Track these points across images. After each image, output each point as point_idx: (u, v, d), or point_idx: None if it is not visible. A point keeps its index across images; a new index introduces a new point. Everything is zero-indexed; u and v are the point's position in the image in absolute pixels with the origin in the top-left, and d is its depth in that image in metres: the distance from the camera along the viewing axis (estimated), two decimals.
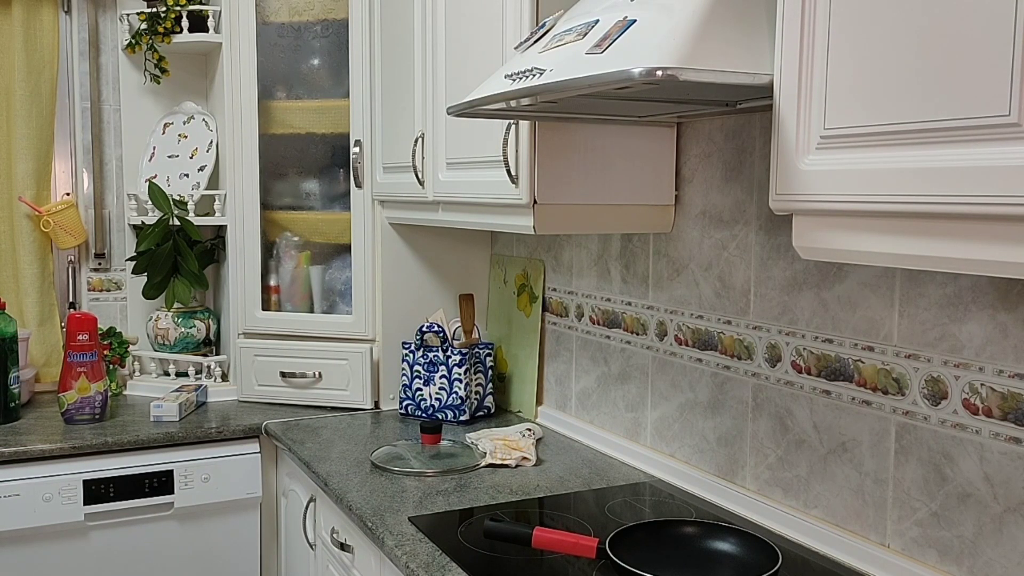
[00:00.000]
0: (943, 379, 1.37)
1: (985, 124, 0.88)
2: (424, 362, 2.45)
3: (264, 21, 2.58)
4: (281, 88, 2.61)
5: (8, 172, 2.70)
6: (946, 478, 1.37)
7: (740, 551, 1.50)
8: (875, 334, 1.47)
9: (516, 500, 1.83)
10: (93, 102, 2.83)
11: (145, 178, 2.79)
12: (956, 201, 0.92)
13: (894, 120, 0.98)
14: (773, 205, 1.16)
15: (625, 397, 2.11)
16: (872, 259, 1.06)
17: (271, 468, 2.47)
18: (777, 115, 1.14)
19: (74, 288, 2.85)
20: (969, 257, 0.93)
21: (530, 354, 2.45)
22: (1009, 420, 1.27)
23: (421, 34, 2.16)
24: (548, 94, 1.37)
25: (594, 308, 2.21)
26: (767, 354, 1.69)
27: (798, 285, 1.62)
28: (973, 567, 1.33)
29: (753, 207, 1.72)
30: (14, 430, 2.34)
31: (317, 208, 2.64)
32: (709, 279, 1.83)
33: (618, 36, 1.25)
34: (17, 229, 2.71)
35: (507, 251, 2.60)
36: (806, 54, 1.09)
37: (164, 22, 2.68)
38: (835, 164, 1.06)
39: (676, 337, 1.93)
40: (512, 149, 1.78)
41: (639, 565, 1.37)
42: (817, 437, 1.59)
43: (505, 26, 1.80)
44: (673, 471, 1.93)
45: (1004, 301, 1.28)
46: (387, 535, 1.65)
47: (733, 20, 1.22)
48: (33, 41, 2.69)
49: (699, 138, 1.85)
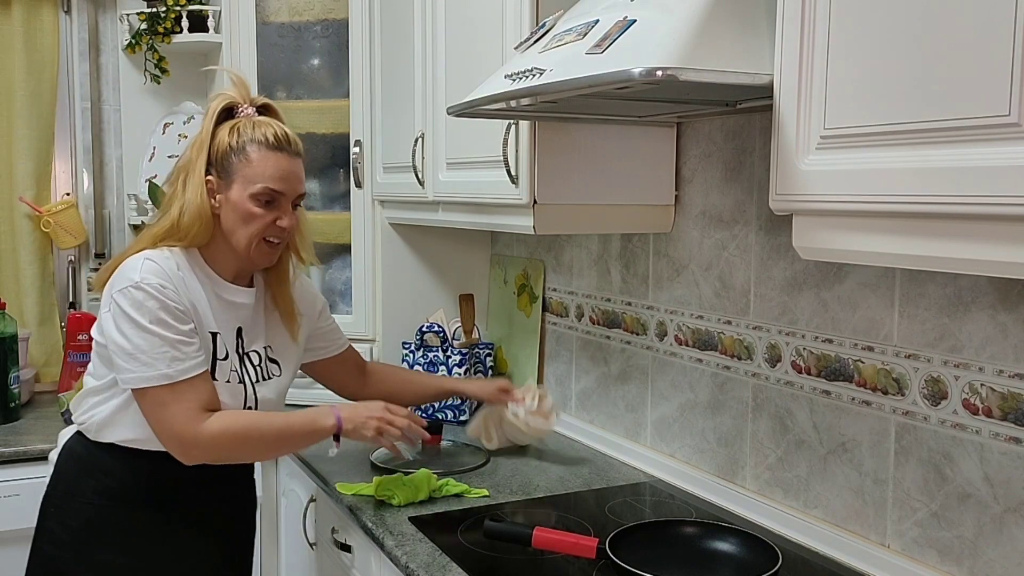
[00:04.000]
0: (943, 379, 1.37)
1: (985, 124, 0.88)
2: (424, 362, 2.45)
3: (264, 21, 2.58)
4: (281, 88, 2.61)
5: (8, 172, 2.70)
6: (946, 478, 1.37)
7: (740, 551, 1.50)
8: (875, 334, 1.47)
9: (516, 500, 1.83)
10: (93, 102, 2.83)
11: (145, 178, 2.79)
12: (956, 201, 0.92)
13: (894, 120, 0.98)
14: (773, 205, 1.16)
15: (625, 397, 2.10)
16: (872, 259, 1.06)
17: (271, 467, 2.46)
18: (777, 115, 1.14)
19: (74, 288, 2.85)
20: (969, 257, 0.93)
21: (530, 354, 2.45)
22: (1009, 420, 1.27)
23: (421, 34, 2.16)
24: (548, 94, 1.37)
25: (594, 308, 2.21)
26: (767, 354, 1.69)
27: (798, 285, 1.62)
28: (973, 567, 1.33)
29: (753, 207, 1.72)
30: (14, 430, 2.34)
31: (317, 208, 2.63)
32: (709, 279, 1.83)
33: (618, 36, 1.25)
34: (17, 229, 2.71)
35: (507, 251, 2.60)
36: (806, 54, 1.09)
37: (164, 22, 2.68)
38: (835, 164, 1.06)
39: (676, 337, 1.93)
40: (512, 149, 1.77)
41: (639, 565, 1.37)
42: (817, 437, 1.59)
43: (505, 26, 1.80)
44: (673, 471, 1.93)
45: (1004, 301, 1.28)
46: (387, 535, 1.65)
47: (733, 20, 1.22)
48: (33, 41, 2.69)
49: (699, 138, 1.85)
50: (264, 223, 1.60)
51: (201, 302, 1.60)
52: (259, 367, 1.70)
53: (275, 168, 1.60)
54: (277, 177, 1.60)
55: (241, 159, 1.59)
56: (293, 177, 1.63)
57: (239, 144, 1.60)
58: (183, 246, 1.61)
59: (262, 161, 1.59)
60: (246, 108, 1.66)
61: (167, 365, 1.51)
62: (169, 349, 1.51)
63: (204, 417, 1.53)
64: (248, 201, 1.59)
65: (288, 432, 1.65)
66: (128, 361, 1.52)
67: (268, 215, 1.60)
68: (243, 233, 1.60)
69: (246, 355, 1.68)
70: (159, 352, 1.51)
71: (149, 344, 1.51)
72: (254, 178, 1.59)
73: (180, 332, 1.53)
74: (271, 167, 1.59)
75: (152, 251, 1.58)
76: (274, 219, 1.60)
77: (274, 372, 1.74)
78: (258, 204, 1.59)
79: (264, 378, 1.71)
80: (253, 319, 1.71)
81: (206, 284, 1.62)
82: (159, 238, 1.60)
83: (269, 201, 1.60)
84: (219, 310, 1.63)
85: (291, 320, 1.77)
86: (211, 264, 1.64)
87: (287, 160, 1.62)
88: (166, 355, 1.51)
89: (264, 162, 1.59)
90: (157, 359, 1.51)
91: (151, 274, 1.53)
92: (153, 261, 1.55)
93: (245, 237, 1.60)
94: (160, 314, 1.51)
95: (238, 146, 1.60)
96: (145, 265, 1.55)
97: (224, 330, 1.64)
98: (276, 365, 1.75)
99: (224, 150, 1.60)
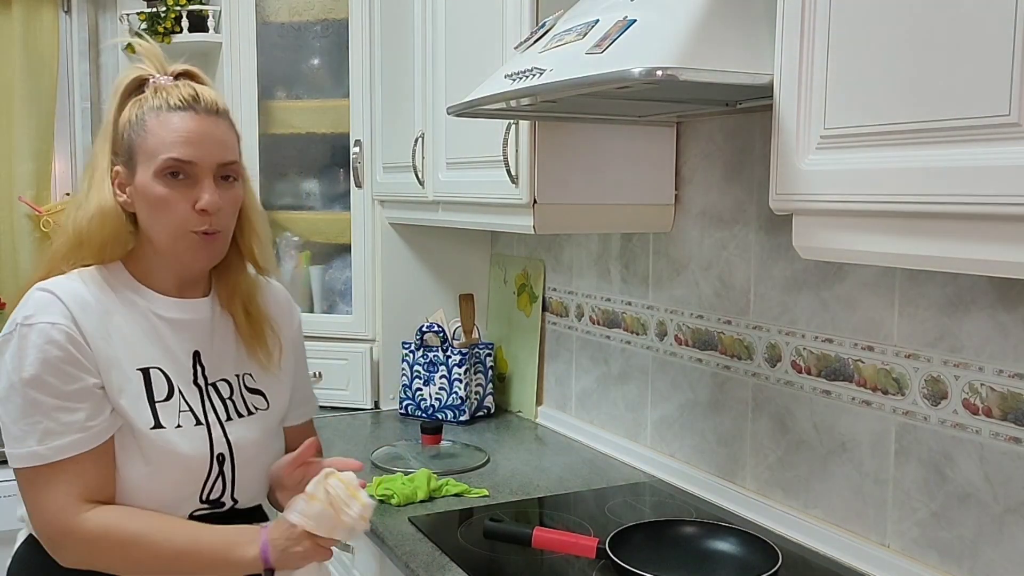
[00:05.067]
0: (943, 379, 1.37)
1: (985, 124, 0.88)
2: (424, 362, 2.45)
3: (264, 21, 2.58)
4: (281, 88, 2.61)
5: (8, 172, 2.70)
6: (946, 478, 1.36)
7: (740, 551, 1.50)
8: (875, 334, 1.47)
9: (516, 500, 1.83)
10: (93, 102, 2.83)
11: None
12: (956, 201, 0.92)
13: (894, 120, 0.98)
14: (773, 205, 1.16)
15: (625, 397, 2.10)
16: (872, 259, 1.05)
17: None
18: (777, 115, 1.14)
19: None
20: (969, 257, 0.93)
21: (530, 354, 2.45)
22: (1009, 420, 1.27)
23: (421, 34, 2.16)
24: (548, 94, 1.37)
25: (594, 308, 2.21)
26: (767, 354, 1.69)
27: (798, 285, 1.62)
28: (973, 567, 1.33)
29: (753, 207, 1.72)
30: None
31: (317, 208, 2.63)
32: (709, 279, 1.83)
33: (618, 36, 1.25)
34: (17, 229, 2.71)
35: (507, 251, 2.60)
36: (806, 54, 1.09)
37: (164, 22, 2.68)
38: (835, 164, 1.06)
39: (676, 337, 1.93)
40: (512, 149, 1.77)
41: (639, 565, 1.37)
42: (817, 437, 1.59)
43: (505, 26, 1.80)
44: (673, 471, 1.93)
45: (1004, 301, 1.28)
46: (387, 535, 1.65)
47: (733, 20, 1.21)
48: (33, 41, 2.69)
49: (699, 138, 1.85)
50: (181, 208, 1.23)
51: (126, 333, 1.25)
52: (231, 400, 1.34)
53: (177, 131, 1.22)
54: (181, 141, 1.22)
55: (139, 133, 1.24)
56: (207, 139, 1.24)
57: (138, 117, 1.25)
58: (97, 262, 1.27)
59: (160, 126, 1.23)
60: (159, 79, 1.29)
61: (38, 441, 1.18)
62: (42, 419, 1.18)
63: (83, 508, 1.19)
64: (155, 183, 1.22)
65: (191, 553, 1.23)
66: (3, 431, 1.21)
67: (182, 196, 1.23)
68: (161, 226, 1.24)
69: (211, 386, 1.33)
70: (29, 423, 1.18)
71: (19, 411, 1.18)
72: (155, 150, 1.22)
73: (62, 395, 1.18)
74: (172, 131, 1.22)
75: (50, 280, 1.24)
76: (192, 201, 1.22)
77: (257, 405, 1.37)
78: (165, 183, 1.22)
79: (240, 414, 1.34)
80: (216, 338, 1.35)
81: (136, 306, 1.27)
82: (64, 258, 1.27)
83: (176, 174, 1.22)
84: (156, 337, 1.28)
85: (257, 339, 1.37)
86: (143, 279, 1.29)
87: (195, 120, 1.24)
88: (37, 427, 1.18)
89: (163, 127, 1.23)
90: (27, 432, 1.18)
91: (39, 311, 1.20)
92: (47, 291, 1.22)
93: (164, 231, 1.24)
94: (38, 370, 1.17)
95: (137, 120, 1.25)
96: (34, 298, 1.22)
97: (167, 360, 1.28)
98: (260, 396, 1.38)
99: (124, 132, 1.26)
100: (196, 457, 1.28)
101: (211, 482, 1.30)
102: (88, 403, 1.20)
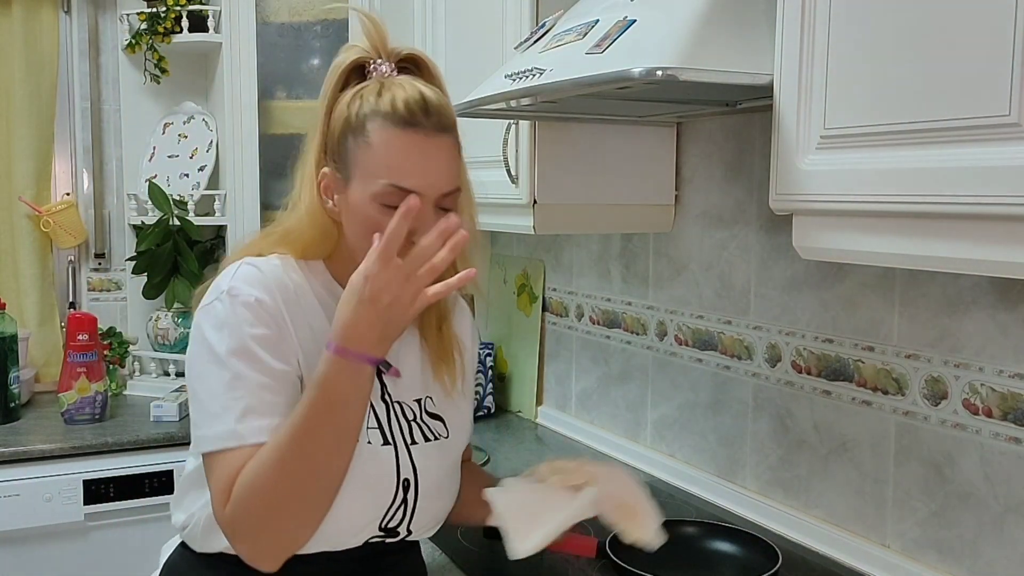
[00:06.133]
0: (943, 379, 1.37)
1: (985, 124, 0.88)
2: None
3: (264, 21, 2.58)
4: (281, 88, 2.61)
5: (8, 172, 2.70)
6: (946, 478, 1.36)
7: (740, 551, 1.50)
8: (875, 334, 1.47)
9: None
10: (93, 102, 2.83)
11: (145, 178, 2.79)
12: (956, 201, 0.92)
13: (894, 120, 0.98)
14: (773, 205, 1.16)
15: (625, 397, 2.10)
16: (872, 259, 1.05)
17: None
18: (777, 115, 1.14)
19: (74, 288, 2.85)
20: (969, 257, 0.93)
21: (530, 354, 2.45)
22: (1009, 420, 1.27)
23: (421, 34, 2.16)
24: (548, 94, 1.37)
25: (594, 308, 2.21)
26: (767, 354, 1.69)
27: (798, 285, 1.62)
28: (973, 567, 1.33)
29: (753, 207, 1.72)
30: (14, 430, 2.34)
31: None
32: (709, 279, 1.83)
33: (618, 36, 1.25)
34: (17, 229, 2.71)
35: (507, 251, 2.60)
36: (806, 54, 1.09)
37: (164, 22, 2.68)
38: (835, 164, 1.06)
39: (676, 337, 1.93)
40: (512, 149, 1.77)
41: (639, 565, 1.37)
42: (817, 437, 1.59)
43: (505, 26, 1.80)
44: (673, 471, 1.93)
45: (1004, 301, 1.28)
46: None
47: (733, 20, 1.21)
48: (33, 41, 2.68)
49: (699, 138, 1.85)
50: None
51: (320, 328, 1.13)
52: (415, 423, 1.21)
53: (403, 154, 1.08)
54: (406, 169, 1.08)
55: (359, 142, 1.10)
56: (433, 168, 1.09)
57: (358, 119, 1.10)
58: (299, 257, 1.17)
59: (385, 145, 1.08)
60: (379, 65, 1.14)
61: (236, 419, 1.05)
62: (245, 396, 1.06)
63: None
64: (370, 205, 1.09)
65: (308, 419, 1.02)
66: (196, 410, 1.11)
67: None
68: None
69: (396, 404, 1.20)
70: (232, 398, 1.06)
71: (221, 384, 1.07)
72: (375, 170, 1.09)
73: (269, 372, 1.08)
74: (397, 153, 1.08)
75: (259, 259, 1.15)
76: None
77: (439, 432, 1.23)
78: (381, 210, 1.08)
79: (427, 439, 1.21)
80: (402, 355, 1.22)
81: (330, 308, 1.12)
82: (273, 243, 1.18)
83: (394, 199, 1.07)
84: None
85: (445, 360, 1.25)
86: (341, 280, 1.14)
87: (424, 142, 1.09)
88: (239, 403, 1.05)
89: (387, 146, 1.08)
90: (227, 408, 1.06)
91: (247, 283, 1.10)
92: (254, 267, 1.12)
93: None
94: (247, 342, 1.07)
95: (357, 122, 1.10)
96: (241, 271, 1.12)
97: None
98: (440, 423, 1.24)
99: (340, 130, 1.12)
100: (383, 479, 1.15)
101: (394, 508, 1.17)
102: (289, 391, 1.08)
